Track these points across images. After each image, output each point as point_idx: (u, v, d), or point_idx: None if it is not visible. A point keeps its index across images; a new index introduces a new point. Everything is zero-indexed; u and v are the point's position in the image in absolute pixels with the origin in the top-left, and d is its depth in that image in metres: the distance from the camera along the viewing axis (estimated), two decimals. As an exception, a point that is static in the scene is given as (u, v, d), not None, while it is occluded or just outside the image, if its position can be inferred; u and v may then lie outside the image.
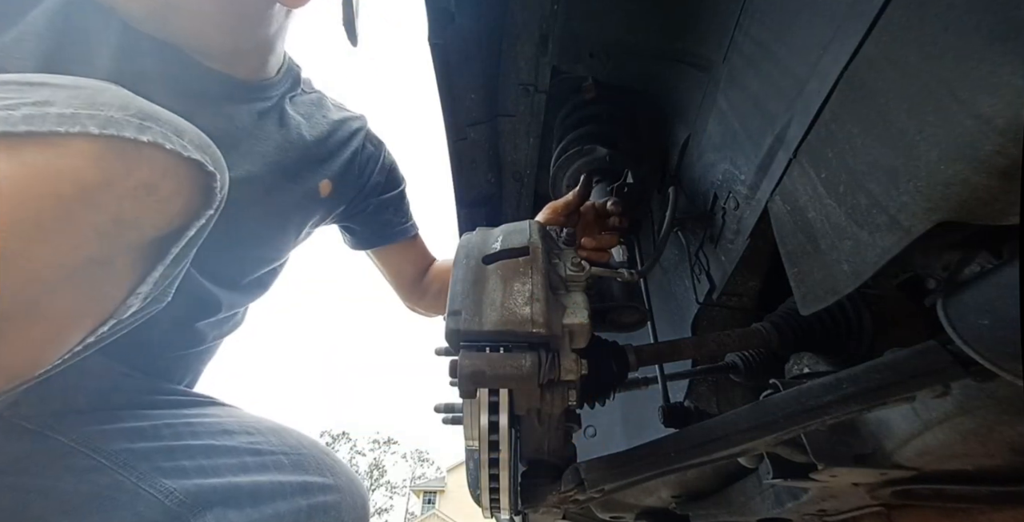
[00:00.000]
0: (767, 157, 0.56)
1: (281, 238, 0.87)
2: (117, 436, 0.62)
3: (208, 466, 0.63)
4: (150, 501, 0.57)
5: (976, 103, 0.32)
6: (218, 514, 0.60)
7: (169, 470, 0.61)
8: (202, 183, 0.50)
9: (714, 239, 0.74)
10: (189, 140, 0.48)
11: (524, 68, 0.78)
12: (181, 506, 0.58)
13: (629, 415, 1.08)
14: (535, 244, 0.54)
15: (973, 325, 0.40)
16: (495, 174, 0.98)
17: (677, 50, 0.77)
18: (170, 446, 0.64)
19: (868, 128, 0.41)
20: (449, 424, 0.82)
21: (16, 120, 0.40)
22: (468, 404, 0.47)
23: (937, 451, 0.53)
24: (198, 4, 0.71)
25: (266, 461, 0.68)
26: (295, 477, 0.69)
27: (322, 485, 0.70)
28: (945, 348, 0.45)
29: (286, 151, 0.82)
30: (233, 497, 0.62)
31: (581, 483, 0.54)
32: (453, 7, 0.68)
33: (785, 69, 0.53)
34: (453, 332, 0.46)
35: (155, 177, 0.46)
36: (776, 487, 0.77)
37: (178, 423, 0.68)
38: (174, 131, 0.47)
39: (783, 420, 0.50)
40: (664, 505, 1.02)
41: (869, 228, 0.42)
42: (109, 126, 0.43)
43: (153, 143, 0.45)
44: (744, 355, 0.74)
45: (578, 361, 0.47)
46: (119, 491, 0.57)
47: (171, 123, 0.47)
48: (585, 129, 0.91)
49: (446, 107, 0.82)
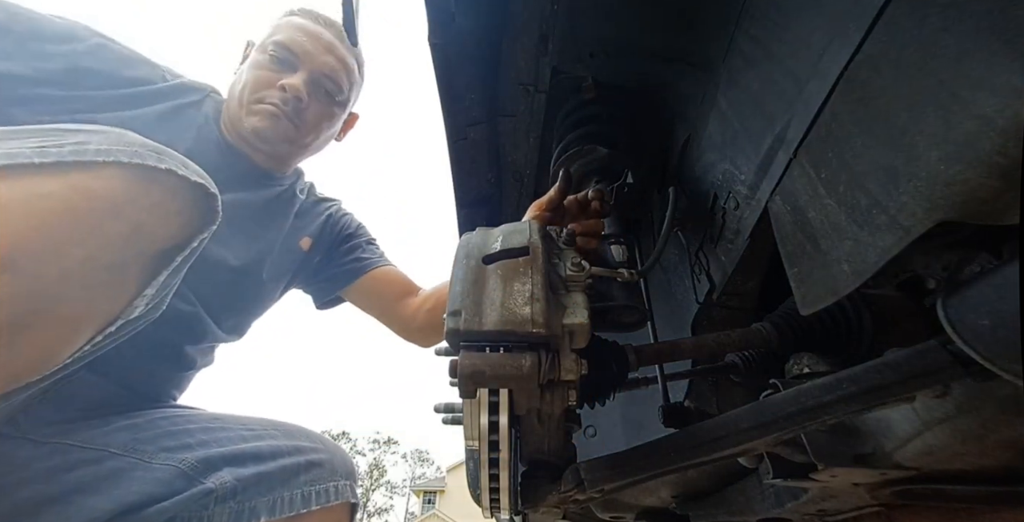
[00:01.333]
0: (767, 157, 0.56)
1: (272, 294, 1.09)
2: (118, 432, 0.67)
3: (209, 440, 0.70)
4: (165, 469, 0.64)
5: (976, 103, 0.32)
6: (231, 471, 0.66)
7: (175, 447, 0.67)
8: (204, 203, 0.60)
9: (714, 239, 0.74)
10: (194, 170, 0.59)
11: (524, 68, 0.78)
12: (194, 469, 0.64)
13: (629, 415, 1.08)
14: (535, 244, 0.54)
15: (973, 325, 0.40)
16: (495, 174, 0.98)
17: (677, 50, 0.77)
18: (170, 431, 0.70)
19: (868, 128, 0.41)
20: (449, 424, 0.82)
21: (65, 153, 0.50)
22: (468, 404, 0.47)
23: (937, 451, 0.53)
24: (298, 156, 1.09)
25: (260, 434, 0.76)
26: (288, 442, 0.77)
27: (312, 448, 0.77)
28: (945, 348, 0.45)
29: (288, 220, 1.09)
30: (238, 459, 0.69)
31: (581, 483, 0.54)
32: (453, 7, 0.68)
33: (785, 69, 0.53)
34: (453, 332, 0.46)
35: (168, 196, 0.57)
36: (776, 487, 0.77)
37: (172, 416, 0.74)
38: (183, 163, 0.58)
39: (783, 420, 0.50)
40: (664, 505, 1.02)
41: (869, 228, 0.42)
42: (135, 157, 0.54)
43: (168, 170, 0.56)
44: (744, 355, 0.74)
45: (578, 361, 0.47)
46: (133, 469, 0.63)
47: (180, 158, 0.58)
48: (585, 129, 0.91)
49: (446, 107, 0.82)
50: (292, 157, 1.10)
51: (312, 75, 1.01)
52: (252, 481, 0.66)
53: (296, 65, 1.01)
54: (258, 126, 0.97)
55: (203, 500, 0.62)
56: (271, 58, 1.00)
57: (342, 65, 1.06)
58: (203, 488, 0.62)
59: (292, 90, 0.98)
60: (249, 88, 0.98)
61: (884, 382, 0.47)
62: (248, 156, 1.02)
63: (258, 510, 0.65)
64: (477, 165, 0.95)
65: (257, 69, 1.00)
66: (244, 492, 0.65)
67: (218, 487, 0.63)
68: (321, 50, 1.02)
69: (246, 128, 0.98)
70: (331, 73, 1.04)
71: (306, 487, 0.71)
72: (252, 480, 0.66)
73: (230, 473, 0.65)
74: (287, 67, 1.00)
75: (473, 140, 0.89)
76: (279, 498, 0.68)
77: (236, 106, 0.99)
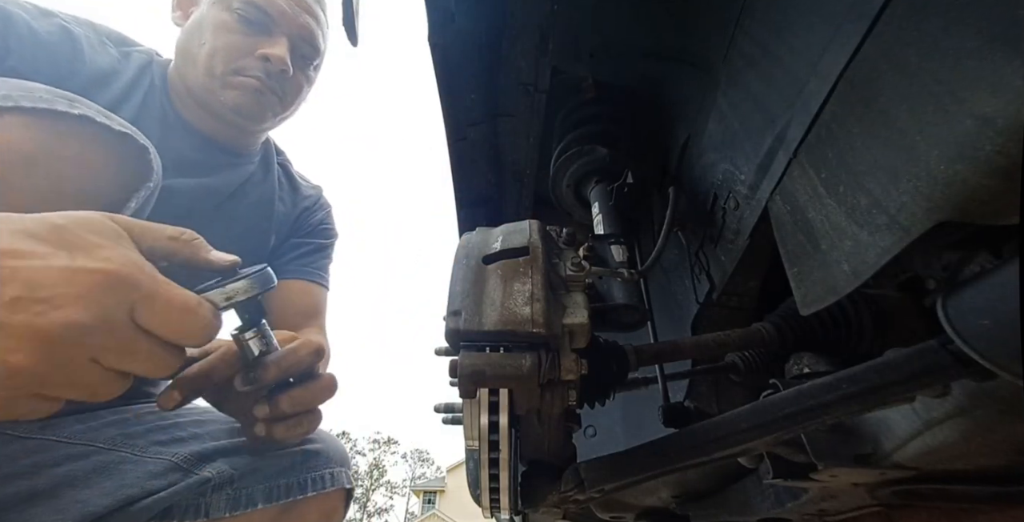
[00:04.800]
0: (767, 157, 0.56)
1: None
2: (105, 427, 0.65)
3: (202, 433, 0.67)
4: (157, 462, 0.60)
5: (976, 103, 0.32)
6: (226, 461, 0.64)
7: (167, 441, 0.64)
8: (135, 155, 0.53)
9: (714, 239, 0.74)
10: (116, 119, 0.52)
11: (524, 68, 0.78)
12: (188, 462, 0.61)
13: (629, 415, 1.08)
14: (535, 244, 0.54)
15: (973, 325, 0.40)
16: (495, 174, 0.98)
17: (677, 50, 0.77)
18: (159, 425, 0.67)
19: (868, 128, 0.41)
20: (449, 424, 0.82)
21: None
22: (468, 404, 0.47)
23: (937, 451, 0.53)
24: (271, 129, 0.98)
25: None
26: None
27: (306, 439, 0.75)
28: (945, 348, 0.45)
29: None
30: (232, 450, 0.66)
31: (581, 483, 0.54)
32: (453, 7, 0.68)
33: (785, 69, 0.53)
34: (453, 332, 0.46)
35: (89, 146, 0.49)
36: (776, 487, 0.77)
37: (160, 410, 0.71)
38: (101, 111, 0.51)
39: (783, 420, 0.50)
40: (664, 505, 1.02)
41: (869, 228, 0.42)
42: (40, 102, 0.47)
43: (83, 116, 0.48)
44: (744, 355, 0.74)
45: (578, 361, 0.47)
46: (124, 463, 0.60)
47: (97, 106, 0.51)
48: (585, 129, 0.91)
49: (446, 107, 0.82)
50: (265, 132, 0.99)
51: (291, 40, 0.89)
52: (248, 470, 0.65)
53: (270, 27, 0.88)
54: (239, 101, 0.86)
55: (200, 488, 0.60)
56: (240, 18, 0.85)
57: (317, 23, 0.93)
58: (199, 477, 0.60)
59: (278, 62, 0.86)
60: (221, 56, 0.85)
61: (884, 382, 0.47)
62: (208, 132, 0.89)
63: (255, 497, 0.64)
64: (477, 165, 0.94)
65: (227, 32, 0.85)
66: (241, 480, 0.64)
67: (215, 476, 0.61)
68: (297, 9, 0.89)
69: (223, 103, 0.86)
70: (309, 37, 0.92)
71: (302, 475, 0.70)
72: (248, 469, 0.65)
73: (225, 463, 0.64)
74: (261, 30, 0.87)
75: (473, 140, 0.89)
76: (275, 485, 0.67)
77: (203, 75, 0.85)
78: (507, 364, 0.44)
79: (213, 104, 0.87)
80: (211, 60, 0.85)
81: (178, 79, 0.88)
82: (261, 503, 0.65)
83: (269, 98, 0.90)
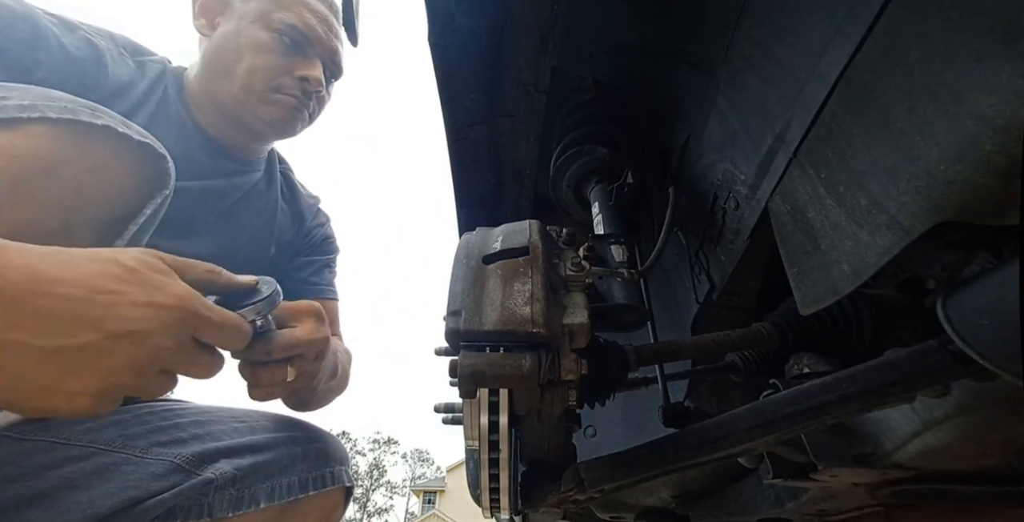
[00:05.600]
0: (767, 157, 0.56)
1: None
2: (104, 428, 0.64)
3: (203, 433, 0.68)
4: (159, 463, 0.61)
5: (976, 103, 0.32)
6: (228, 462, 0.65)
7: (167, 442, 0.64)
8: (153, 164, 0.56)
9: (714, 239, 0.74)
10: (136, 129, 0.54)
11: (524, 68, 0.78)
12: (189, 463, 0.62)
13: (629, 415, 1.08)
14: (535, 244, 0.54)
15: (973, 325, 0.40)
16: (495, 174, 0.98)
17: (677, 50, 0.77)
18: (159, 427, 0.67)
19: (868, 128, 0.41)
20: (449, 424, 0.82)
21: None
22: (468, 404, 0.47)
23: (937, 451, 0.53)
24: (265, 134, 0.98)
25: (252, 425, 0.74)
26: (281, 432, 0.75)
27: (306, 437, 0.76)
28: (945, 348, 0.45)
29: None
30: (234, 451, 0.67)
31: (581, 483, 0.54)
32: (453, 7, 0.68)
33: (785, 69, 0.53)
34: (453, 332, 0.46)
35: (110, 155, 0.52)
36: (776, 487, 0.77)
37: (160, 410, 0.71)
38: (123, 122, 0.53)
39: (783, 420, 0.50)
40: (664, 505, 1.02)
41: (869, 228, 0.41)
42: (65, 112, 0.49)
43: (106, 126, 0.51)
44: (744, 355, 0.74)
45: (578, 361, 0.47)
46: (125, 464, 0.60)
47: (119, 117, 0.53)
48: (585, 129, 0.91)
49: (446, 107, 0.82)
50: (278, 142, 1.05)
51: (324, 62, 0.97)
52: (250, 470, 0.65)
53: (307, 50, 0.94)
54: (276, 117, 0.92)
55: (203, 489, 0.60)
56: (279, 40, 0.91)
57: (341, 45, 1.00)
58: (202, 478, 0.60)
59: (316, 83, 0.94)
60: (262, 74, 0.90)
61: (884, 382, 0.47)
62: (222, 139, 0.94)
63: (257, 496, 0.65)
64: (477, 165, 0.95)
65: (268, 52, 0.91)
66: (243, 480, 0.64)
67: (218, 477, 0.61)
68: (329, 33, 0.97)
69: (259, 118, 0.92)
70: (337, 58, 0.99)
71: (303, 474, 0.71)
72: (250, 469, 0.65)
73: (228, 464, 0.64)
74: (298, 51, 0.93)
75: (473, 140, 0.89)
76: (277, 484, 0.67)
77: (240, 90, 0.90)
78: (507, 364, 0.44)
79: (246, 117, 0.92)
80: (250, 77, 0.90)
81: (200, 89, 0.92)
82: (263, 502, 0.65)
83: (303, 115, 0.96)
